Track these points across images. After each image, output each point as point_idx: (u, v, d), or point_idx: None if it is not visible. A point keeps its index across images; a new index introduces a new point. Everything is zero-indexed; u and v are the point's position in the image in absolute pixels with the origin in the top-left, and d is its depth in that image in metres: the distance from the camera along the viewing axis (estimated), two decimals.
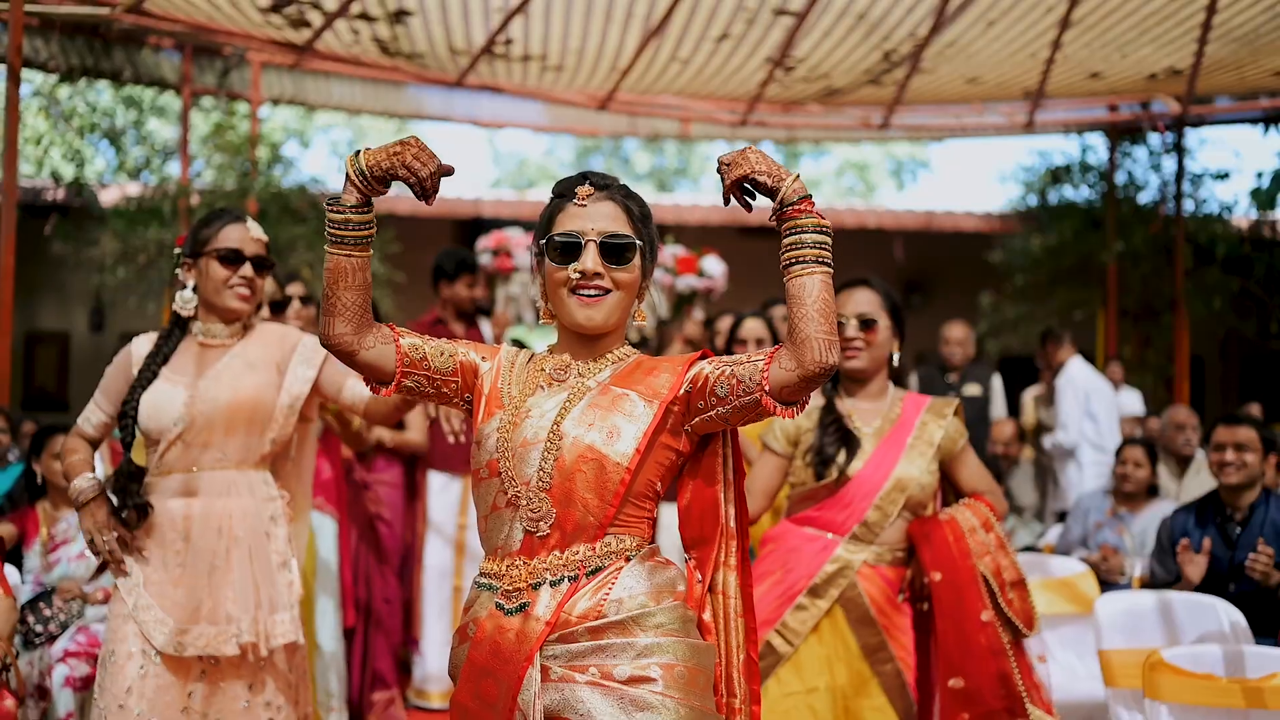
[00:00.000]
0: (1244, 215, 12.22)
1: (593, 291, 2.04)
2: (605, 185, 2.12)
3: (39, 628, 4.13)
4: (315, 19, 6.67)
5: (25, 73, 9.95)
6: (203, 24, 6.81)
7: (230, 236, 2.92)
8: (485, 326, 5.63)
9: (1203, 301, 11.52)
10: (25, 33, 7.83)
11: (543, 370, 2.12)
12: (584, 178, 2.13)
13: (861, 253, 13.65)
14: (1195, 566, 4.13)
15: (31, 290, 12.61)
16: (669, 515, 4.37)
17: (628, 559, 2.01)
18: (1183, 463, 6.44)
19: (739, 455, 2.16)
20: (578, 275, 2.04)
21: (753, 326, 4.43)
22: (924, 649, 3.13)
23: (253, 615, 2.83)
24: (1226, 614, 3.97)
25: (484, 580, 2.07)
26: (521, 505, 2.01)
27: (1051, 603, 4.72)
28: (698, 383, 2.03)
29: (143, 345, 3.03)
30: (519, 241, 5.74)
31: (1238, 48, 7.27)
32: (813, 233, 1.92)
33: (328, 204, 1.98)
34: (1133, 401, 10.80)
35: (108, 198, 11.11)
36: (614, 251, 2.05)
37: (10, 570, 3.96)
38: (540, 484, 1.99)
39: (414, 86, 9.94)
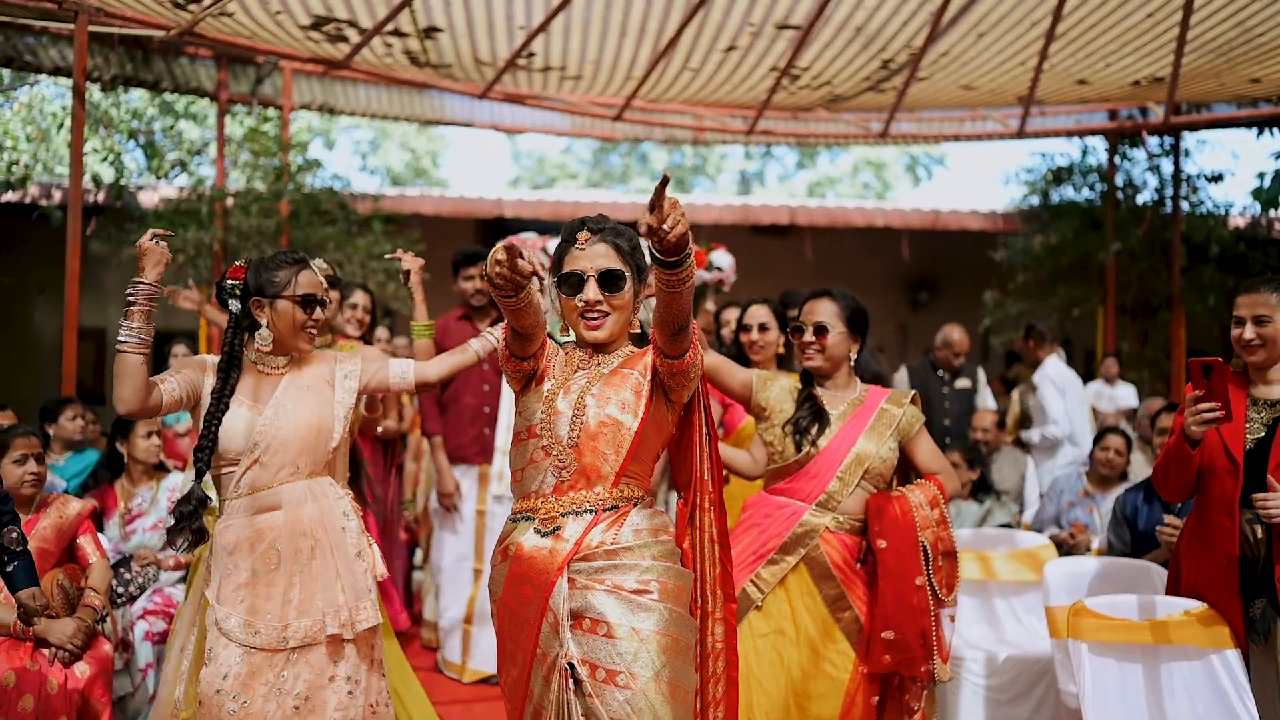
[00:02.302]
0: (1239, 215, 12.61)
1: (595, 316, 2.67)
2: (599, 229, 2.69)
3: (120, 589, 4.69)
4: (352, 35, 7.17)
5: (66, 81, 10.51)
6: (246, 43, 7.32)
7: (306, 283, 3.23)
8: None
9: (1198, 299, 11.91)
10: (68, 44, 8.40)
11: (573, 360, 2.73)
12: (582, 224, 2.70)
13: (871, 251, 14.09)
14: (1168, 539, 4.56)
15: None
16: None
17: (634, 504, 2.63)
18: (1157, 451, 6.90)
19: (713, 428, 2.76)
20: (583, 304, 2.64)
21: (756, 311, 4.71)
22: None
23: (339, 604, 3.11)
24: (1155, 573, 4.47)
25: (520, 514, 2.68)
26: (553, 456, 2.60)
27: (1017, 570, 5.21)
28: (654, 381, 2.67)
29: (211, 363, 3.31)
30: (534, 244, 5.93)
31: (1213, 57, 7.68)
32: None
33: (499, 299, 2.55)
34: (1127, 395, 11.21)
35: (146, 200, 11.65)
36: (609, 283, 2.64)
37: (101, 537, 4.53)
38: (569, 442, 2.59)
39: (438, 93, 10.45)
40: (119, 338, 3.03)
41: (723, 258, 6.37)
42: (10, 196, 11.52)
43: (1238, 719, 3.51)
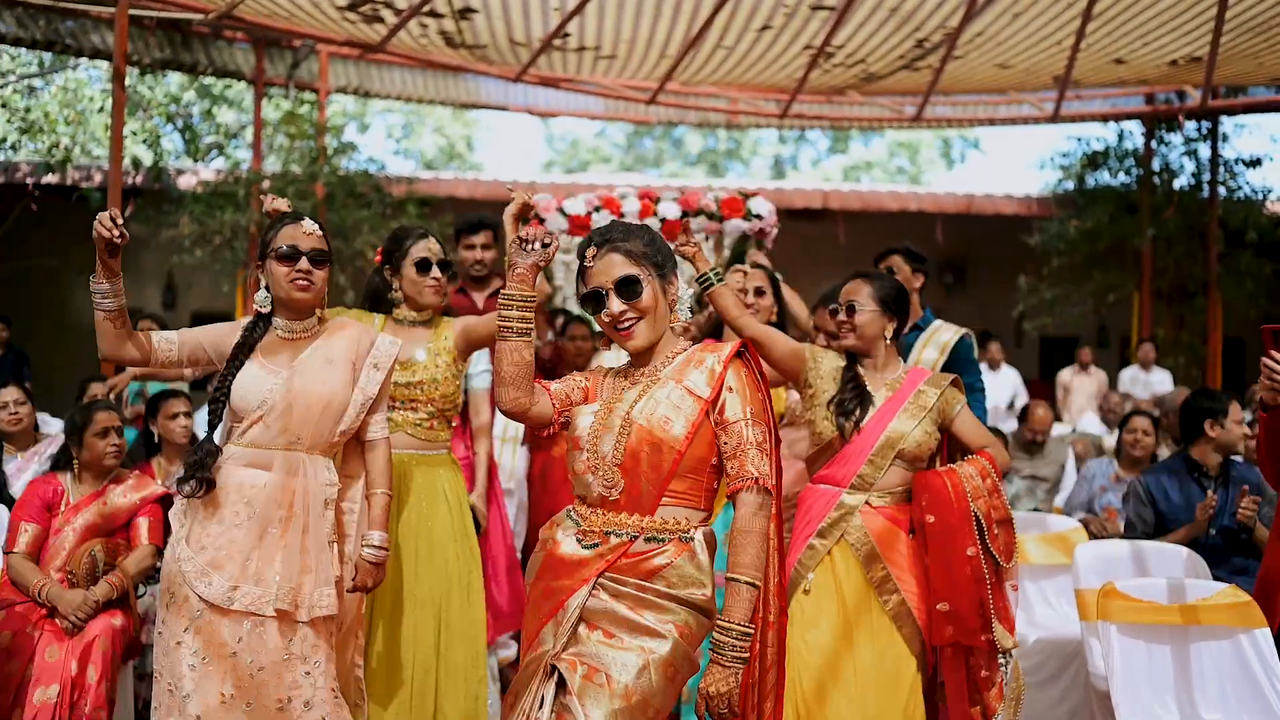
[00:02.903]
0: (1277, 200, 12.44)
1: (625, 324, 2.64)
2: (605, 241, 2.68)
3: (158, 564, 4.76)
4: (388, 16, 7.21)
5: (104, 64, 10.65)
6: (284, 26, 7.38)
7: (286, 235, 3.16)
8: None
9: (1235, 284, 11.78)
10: (108, 28, 8.51)
11: (625, 376, 2.71)
12: (589, 241, 2.71)
13: (904, 235, 13.96)
14: (1206, 518, 4.60)
15: None
16: None
17: (682, 540, 2.56)
18: (1179, 441, 6.92)
19: (775, 429, 2.71)
20: (609, 318, 2.65)
21: (753, 275, 4.53)
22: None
23: (294, 584, 3.06)
24: (1189, 558, 4.47)
25: (574, 513, 2.68)
26: (599, 474, 2.58)
27: (1048, 554, 5.20)
28: (718, 412, 2.58)
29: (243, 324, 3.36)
30: (548, 205, 5.70)
31: (1252, 36, 7.58)
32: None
33: (499, 303, 2.60)
34: (1163, 381, 11.12)
35: (184, 182, 11.78)
36: (626, 290, 2.63)
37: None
38: (614, 460, 2.56)
39: (473, 76, 10.49)
40: (92, 296, 3.09)
41: (762, 204, 5.97)
42: (51, 178, 11.67)
43: (1266, 699, 3.51)
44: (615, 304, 2.61)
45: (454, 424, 4.70)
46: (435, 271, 3.87)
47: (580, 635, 2.51)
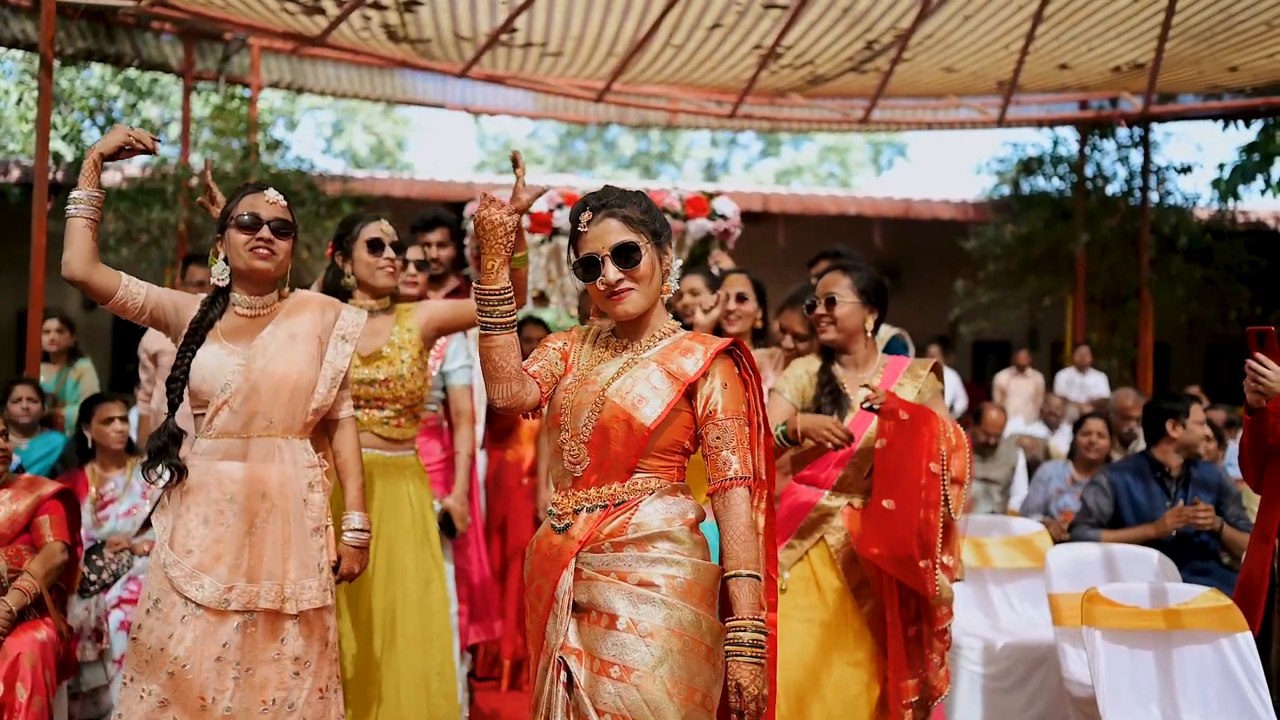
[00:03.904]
0: (1206, 207, 12.72)
1: (620, 292, 2.52)
2: (601, 205, 2.55)
3: (93, 577, 4.51)
4: (329, 7, 6.98)
5: (26, 55, 10.21)
6: (219, 16, 7.10)
7: (247, 204, 3.03)
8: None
9: (1166, 289, 12.01)
10: (28, 17, 8.14)
11: (607, 346, 2.59)
12: (584, 205, 2.57)
13: (843, 238, 14.02)
14: (1174, 523, 4.62)
15: (27, 266, 12.83)
16: None
17: (651, 494, 2.47)
18: (1125, 443, 7.05)
19: (767, 424, 2.61)
20: (604, 286, 2.51)
21: (734, 280, 4.51)
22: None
23: (286, 577, 2.95)
24: (1158, 560, 4.48)
25: (550, 509, 2.57)
26: (565, 451, 2.48)
27: (1012, 558, 5.18)
28: (705, 402, 2.49)
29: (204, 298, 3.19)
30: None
31: (1195, 43, 7.69)
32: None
33: (478, 297, 2.44)
34: (1099, 384, 11.29)
35: (108, 179, 11.36)
36: (624, 257, 2.50)
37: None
38: (582, 436, 2.46)
39: (410, 73, 10.26)
40: (66, 206, 2.90)
41: (726, 204, 5.87)
42: None
43: (1248, 702, 3.50)
44: (611, 271, 2.49)
45: (427, 421, 4.54)
46: (388, 252, 3.73)
47: (582, 628, 2.41)
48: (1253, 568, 3.54)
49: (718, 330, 4.43)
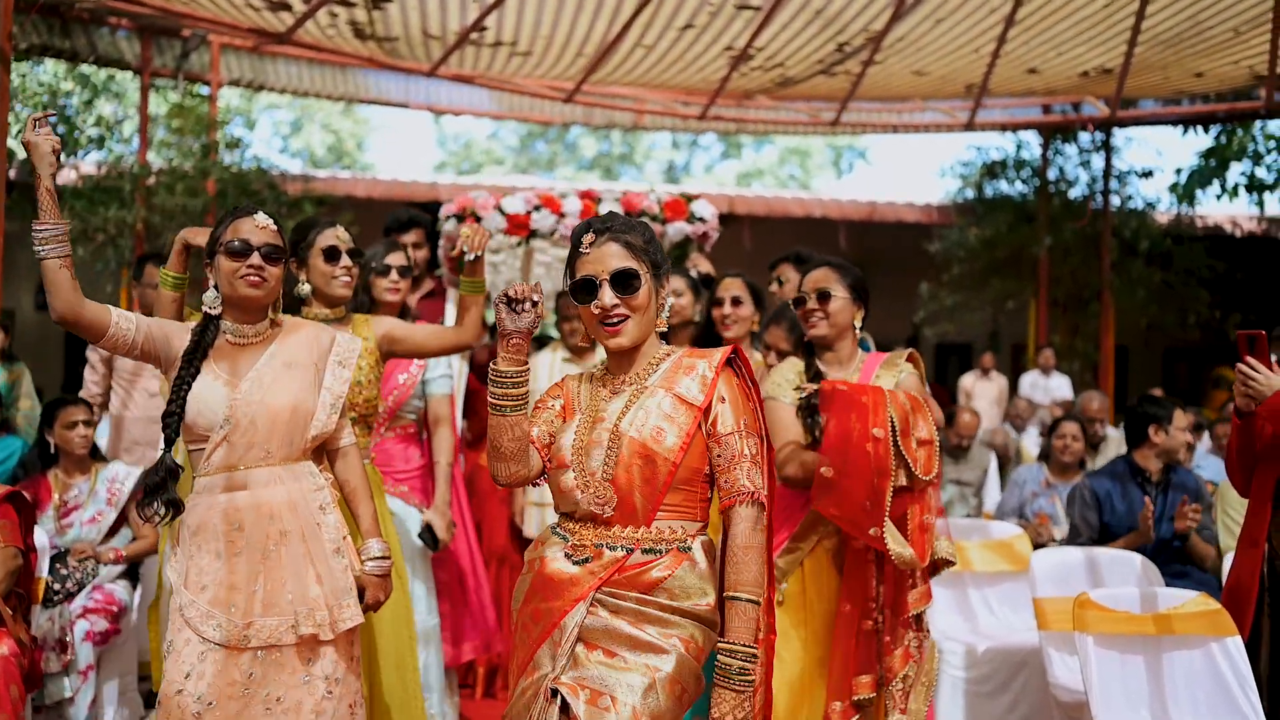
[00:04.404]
0: (1166, 211, 12.88)
1: (615, 320, 2.44)
2: (605, 229, 2.49)
3: (56, 586, 4.36)
4: (295, 3, 6.85)
5: None
6: (181, 10, 6.94)
7: (239, 229, 2.94)
8: (450, 299, 5.61)
9: (1127, 293, 12.14)
10: None
11: (604, 383, 2.54)
12: (587, 227, 2.52)
13: (808, 241, 14.07)
14: (1149, 525, 4.60)
15: None
16: None
17: (680, 549, 2.42)
18: (1093, 445, 7.09)
19: (768, 433, 2.56)
20: (599, 310, 2.45)
21: (729, 284, 4.44)
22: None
23: (314, 603, 2.86)
24: (1141, 564, 4.49)
25: (559, 530, 2.49)
26: (589, 491, 2.41)
27: (991, 562, 5.17)
28: (710, 422, 2.44)
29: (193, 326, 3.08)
30: (485, 204, 5.36)
31: (1163, 49, 7.76)
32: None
33: (491, 379, 2.40)
34: (1062, 386, 11.38)
35: (62, 177, 11.10)
36: (622, 284, 2.44)
37: (39, 533, 4.20)
38: (604, 475, 2.40)
39: (373, 71, 10.12)
40: (34, 247, 2.75)
41: (705, 207, 5.74)
42: None
43: (1238, 707, 3.50)
44: (608, 296, 2.43)
45: (406, 429, 4.44)
46: (345, 260, 3.64)
47: (579, 657, 2.35)
48: (1242, 572, 3.53)
49: (707, 334, 4.37)
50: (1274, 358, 3.50)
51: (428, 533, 4.36)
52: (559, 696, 2.31)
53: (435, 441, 4.48)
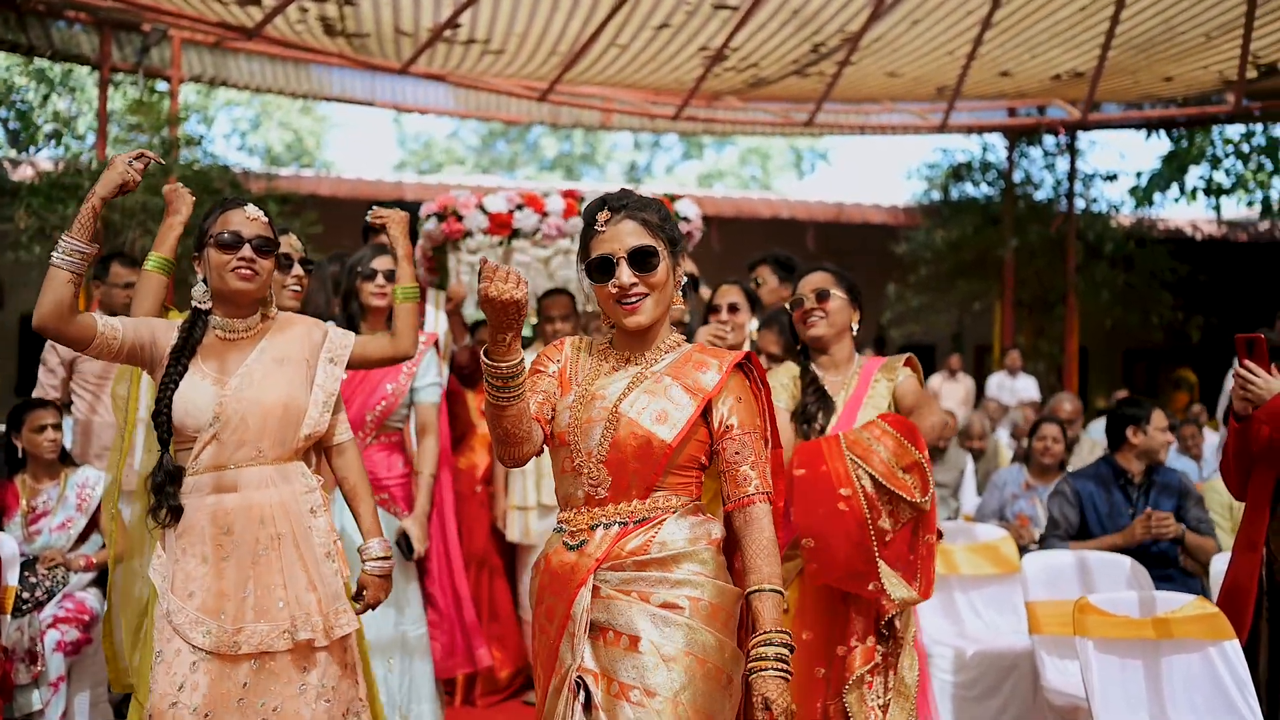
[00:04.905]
0: (1130, 215, 13.03)
1: (633, 299, 2.39)
2: (621, 205, 2.43)
3: (25, 595, 4.22)
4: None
5: None
6: (141, 4, 6.76)
7: (229, 221, 2.86)
8: (430, 301, 5.52)
9: (1091, 295, 12.26)
10: None
11: (607, 359, 2.48)
12: (603, 203, 2.45)
13: (775, 242, 14.10)
14: (1142, 530, 4.61)
15: None
16: None
17: (673, 512, 2.37)
18: (1066, 447, 7.14)
19: (777, 435, 2.52)
20: (616, 289, 2.38)
21: (726, 291, 4.43)
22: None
23: (309, 609, 2.79)
24: (1131, 567, 4.48)
25: (558, 525, 2.45)
26: (583, 472, 2.37)
27: (977, 565, 5.15)
28: (718, 418, 2.40)
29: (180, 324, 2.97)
30: (467, 203, 5.22)
31: (1135, 53, 7.81)
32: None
33: (488, 373, 2.26)
34: (1028, 387, 11.46)
35: (21, 173, 10.83)
36: (640, 262, 2.39)
37: (7, 540, 4.06)
38: (599, 455, 2.36)
39: (338, 68, 9.97)
40: (53, 253, 2.70)
41: (689, 207, 5.66)
42: None
43: (1237, 710, 3.49)
44: (626, 275, 2.37)
45: (392, 437, 4.34)
46: (296, 269, 3.61)
47: (595, 644, 2.30)
48: (1240, 575, 3.53)
49: (692, 336, 4.32)
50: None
51: (403, 540, 4.27)
52: (582, 689, 2.27)
53: (421, 450, 4.39)
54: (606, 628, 2.31)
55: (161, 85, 10.17)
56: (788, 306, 3.68)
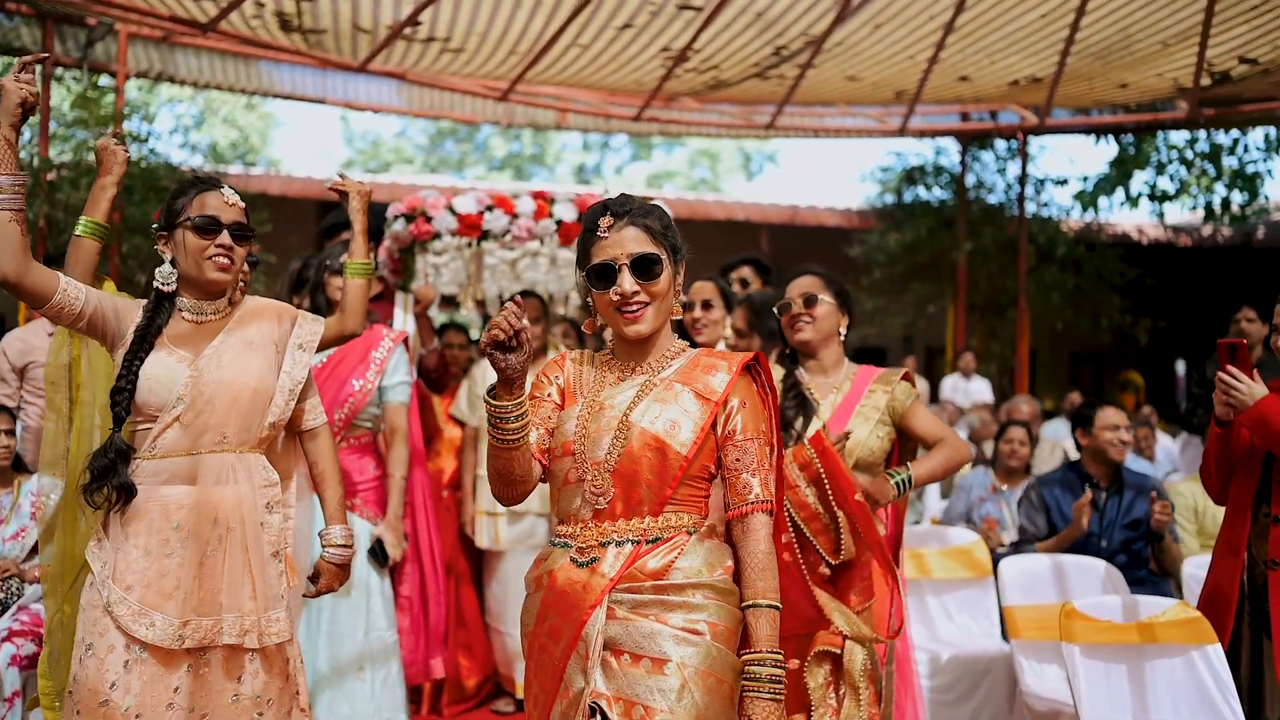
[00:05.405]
0: (1079, 219, 13.19)
1: (634, 307, 2.35)
2: (624, 211, 2.38)
3: None
4: None
5: None
6: None
7: (205, 204, 2.77)
8: (399, 303, 5.43)
9: (1042, 298, 12.39)
10: None
11: (610, 369, 2.44)
12: (605, 208, 2.39)
13: (729, 244, 14.11)
14: (1085, 517, 4.63)
15: None
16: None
17: (688, 534, 2.32)
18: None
19: (781, 441, 2.48)
20: (618, 297, 2.34)
21: (700, 287, 4.34)
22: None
23: (246, 609, 2.70)
24: (1105, 570, 4.52)
25: (559, 539, 2.37)
26: (586, 482, 2.31)
27: (949, 569, 5.15)
28: (725, 422, 2.35)
29: (144, 304, 2.86)
30: (436, 203, 5.10)
31: (1092, 60, 7.89)
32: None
33: (492, 417, 2.25)
34: (982, 389, 11.55)
35: None
36: (643, 270, 2.34)
37: None
38: (607, 465, 2.30)
39: (290, 65, 9.78)
40: None
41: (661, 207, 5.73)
42: None
43: (1220, 713, 3.50)
44: (628, 282, 2.32)
45: (361, 438, 4.23)
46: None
47: (610, 666, 2.24)
48: (1221, 580, 3.55)
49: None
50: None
51: (378, 548, 4.18)
52: (598, 713, 2.21)
53: (391, 453, 4.29)
54: (621, 649, 2.25)
55: (105, 80, 9.92)
56: (775, 310, 3.65)
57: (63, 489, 3.34)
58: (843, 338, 3.59)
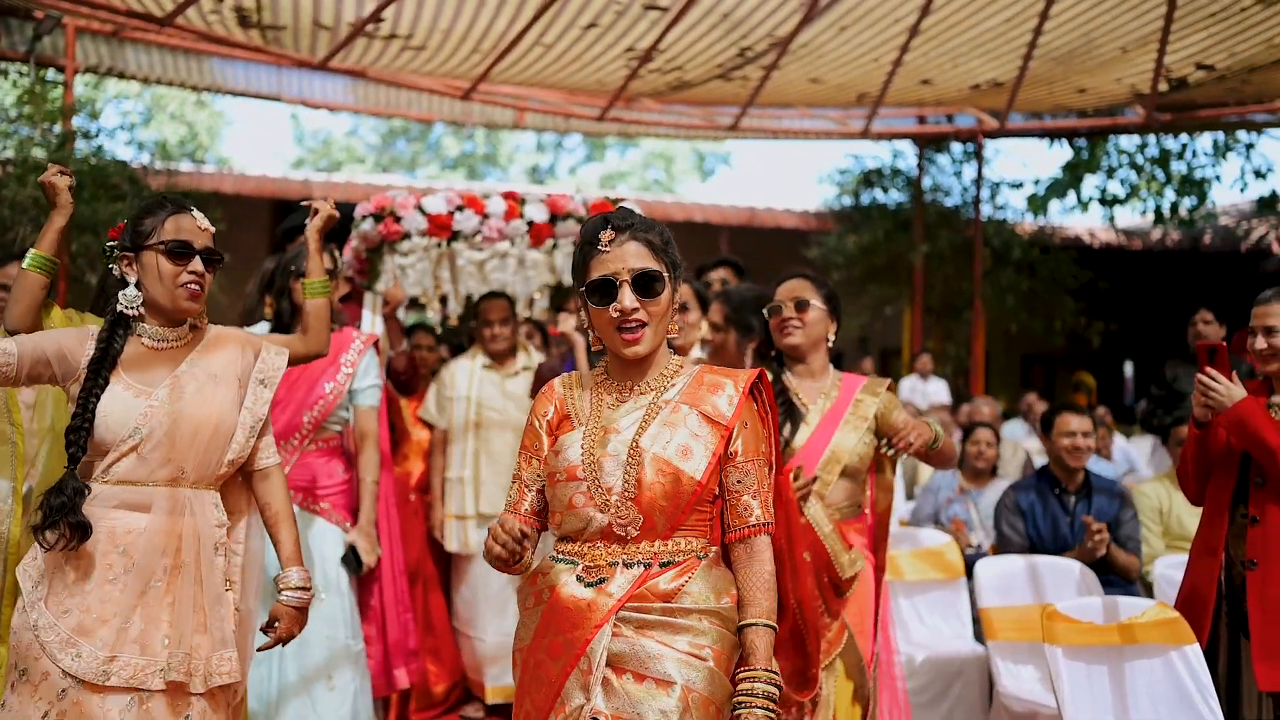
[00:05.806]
0: (1033, 222, 13.36)
1: (633, 326, 2.30)
2: (626, 225, 2.33)
3: None
4: None
5: None
6: None
7: (180, 227, 2.68)
8: (367, 304, 5.34)
9: (997, 300, 12.52)
10: None
11: (606, 390, 2.40)
12: (605, 221, 2.34)
13: (689, 245, 14.07)
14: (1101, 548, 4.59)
15: None
16: None
17: (697, 559, 2.30)
18: None
19: (780, 459, 2.46)
20: (618, 314, 2.28)
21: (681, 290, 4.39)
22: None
23: (187, 648, 2.57)
24: (1080, 572, 4.55)
25: (562, 556, 2.33)
26: (610, 510, 2.27)
27: (922, 570, 5.16)
28: (729, 442, 2.32)
29: (94, 332, 2.75)
30: (405, 203, 5.01)
31: (1053, 65, 7.97)
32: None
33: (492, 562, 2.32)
34: (939, 390, 11.63)
35: None
36: (645, 286, 2.29)
37: None
38: (626, 494, 2.26)
39: (243, 62, 9.61)
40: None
41: (633, 209, 5.69)
42: None
43: (1199, 712, 3.53)
44: (629, 299, 2.28)
45: (330, 441, 4.14)
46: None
47: (611, 683, 2.22)
48: (1199, 581, 3.57)
49: None
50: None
51: (351, 555, 4.10)
52: None
53: (362, 457, 4.21)
54: (625, 667, 2.22)
55: (52, 75, 9.68)
56: (765, 313, 3.63)
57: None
58: (830, 344, 3.58)
